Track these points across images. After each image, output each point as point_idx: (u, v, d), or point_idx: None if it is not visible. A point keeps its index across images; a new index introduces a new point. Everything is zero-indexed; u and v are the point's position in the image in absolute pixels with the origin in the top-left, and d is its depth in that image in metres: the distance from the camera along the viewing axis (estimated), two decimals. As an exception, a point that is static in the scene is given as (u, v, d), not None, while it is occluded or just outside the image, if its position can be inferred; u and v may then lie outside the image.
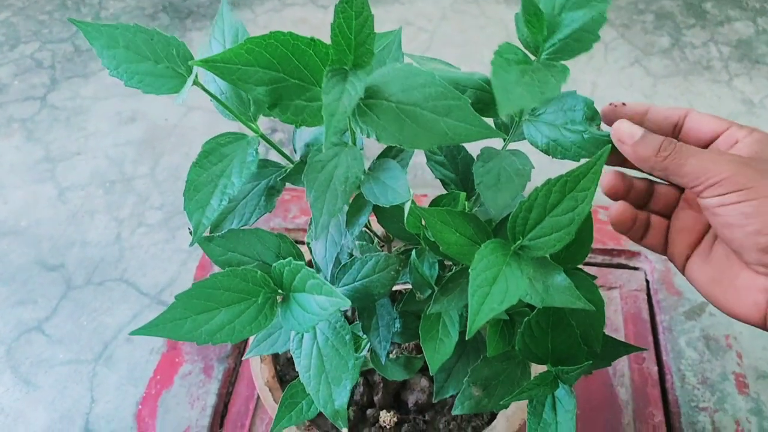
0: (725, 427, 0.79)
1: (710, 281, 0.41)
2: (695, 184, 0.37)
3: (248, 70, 0.31)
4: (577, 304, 0.37)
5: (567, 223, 0.36)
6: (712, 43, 1.45)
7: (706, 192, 0.37)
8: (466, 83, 0.40)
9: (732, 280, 0.39)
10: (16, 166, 1.21)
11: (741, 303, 0.39)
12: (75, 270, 1.03)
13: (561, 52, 0.38)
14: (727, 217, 0.36)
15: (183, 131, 1.27)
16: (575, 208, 0.35)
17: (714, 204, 0.37)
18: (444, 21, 1.51)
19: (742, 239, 0.37)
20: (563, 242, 0.36)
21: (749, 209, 0.35)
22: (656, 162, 0.38)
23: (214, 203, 0.38)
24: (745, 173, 0.36)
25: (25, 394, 0.88)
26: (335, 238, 0.45)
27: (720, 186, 0.36)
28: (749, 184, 0.35)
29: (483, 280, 0.34)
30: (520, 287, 0.35)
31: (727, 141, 0.40)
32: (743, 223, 0.36)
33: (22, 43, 1.50)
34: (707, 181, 0.36)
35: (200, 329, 0.38)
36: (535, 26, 0.37)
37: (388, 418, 0.62)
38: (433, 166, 0.49)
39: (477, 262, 0.35)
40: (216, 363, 0.86)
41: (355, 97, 0.30)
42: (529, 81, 0.35)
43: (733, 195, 0.36)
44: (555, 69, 0.36)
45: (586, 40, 0.38)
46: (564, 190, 0.35)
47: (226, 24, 0.41)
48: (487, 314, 0.33)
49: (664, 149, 0.38)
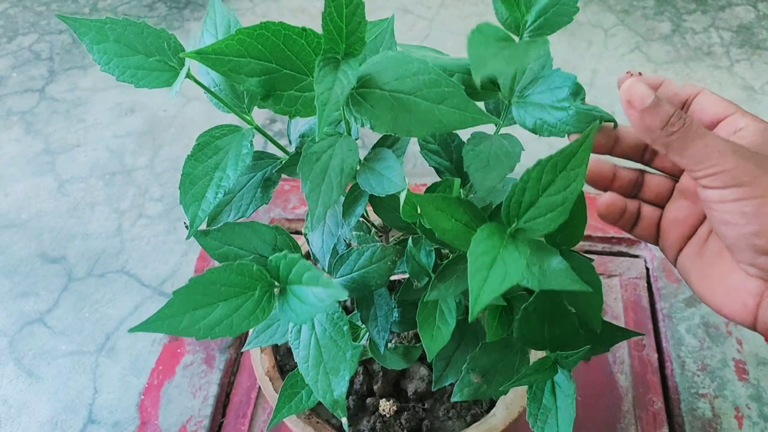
0: (725, 414, 0.79)
1: (701, 276, 0.40)
2: (695, 169, 0.35)
3: (240, 61, 0.31)
4: (574, 286, 0.37)
5: (561, 202, 0.36)
6: (713, 29, 1.44)
7: (705, 180, 0.35)
8: (453, 68, 0.40)
9: (722, 278, 0.38)
10: (16, 159, 1.21)
11: (730, 302, 0.38)
12: (76, 262, 1.04)
13: (542, 28, 0.37)
14: (725, 214, 0.35)
15: (182, 122, 1.27)
16: (568, 187, 0.35)
17: (714, 198, 0.35)
18: (443, 8, 1.50)
19: (737, 238, 0.35)
20: (558, 222, 0.36)
21: (749, 208, 0.34)
22: (660, 135, 0.36)
23: (209, 196, 0.38)
24: (747, 168, 0.34)
25: (29, 386, 0.89)
26: (332, 229, 0.45)
27: (719, 177, 0.34)
28: (751, 180, 0.34)
29: (481, 264, 0.34)
30: (519, 268, 0.35)
31: (728, 128, 0.38)
32: (741, 222, 0.34)
33: (20, 35, 1.49)
34: (707, 169, 0.35)
35: (198, 324, 0.38)
36: (512, 3, 0.37)
37: (388, 406, 0.62)
38: (426, 154, 0.49)
39: (474, 246, 0.35)
40: (217, 353, 0.87)
41: (347, 86, 0.30)
42: (508, 54, 0.34)
43: (734, 190, 0.34)
44: (535, 42, 0.36)
45: (567, 12, 0.37)
46: (555, 170, 0.35)
47: (218, 15, 0.40)
48: (488, 297, 0.33)
49: (672, 124, 0.35)
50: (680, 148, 0.35)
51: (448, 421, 0.63)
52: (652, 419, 0.79)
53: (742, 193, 0.34)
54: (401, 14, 1.47)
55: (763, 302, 0.37)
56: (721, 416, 0.79)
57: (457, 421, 0.63)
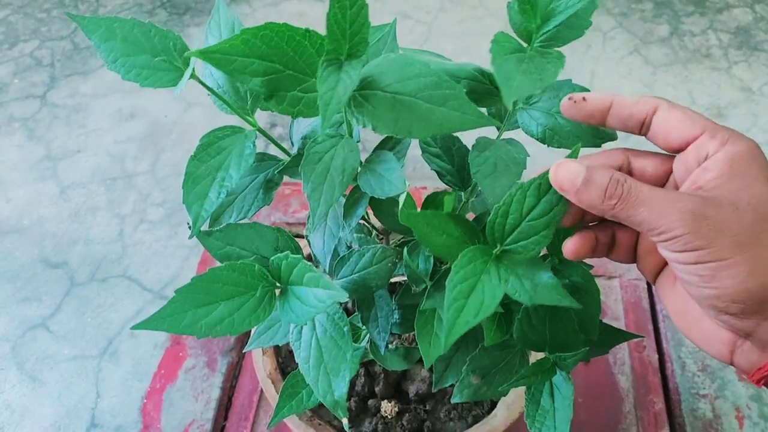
0: (726, 414, 0.80)
1: (677, 311, 0.38)
2: (648, 234, 0.33)
3: (244, 61, 0.31)
4: (564, 302, 0.37)
5: (544, 226, 0.35)
6: (711, 31, 1.45)
7: (661, 244, 0.33)
8: (460, 74, 0.41)
9: (697, 322, 0.36)
10: (18, 165, 1.22)
11: (706, 346, 0.36)
12: (78, 267, 1.04)
13: (554, 39, 0.38)
14: (683, 275, 0.33)
15: (183, 127, 1.27)
16: (551, 211, 0.35)
17: (672, 259, 0.33)
18: (442, 13, 1.51)
19: (699, 297, 0.34)
20: (543, 244, 0.36)
21: (706, 272, 0.32)
22: (603, 209, 0.33)
23: (212, 196, 0.38)
24: (701, 231, 0.31)
25: (32, 390, 0.89)
26: (333, 230, 0.45)
27: (675, 242, 0.32)
28: (705, 243, 0.31)
29: (458, 292, 0.34)
30: (497, 297, 0.34)
31: (697, 154, 0.34)
32: (701, 284, 0.32)
33: (22, 42, 1.50)
34: (659, 236, 0.32)
35: (200, 323, 0.38)
36: (529, 14, 0.37)
37: (389, 408, 0.62)
38: (428, 158, 0.50)
39: (453, 274, 0.34)
40: (219, 357, 0.87)
41: (350, 87, 0.30)
42: (526, 69, 0.35)
43: (689, 255, 0.32)
44: (550, 56, 0.36)
45: (579, 26, 0.38)
46: (538, 194, 0.35)
47: (222, 18, 0.41)
48: (462, 328, 0.33)
49: (609, 197, 0.33)
50: (626, 217, 0.33)
51: (449, 422, 0.63)
52: (653, 420, 0.79)
53: (698, 257, 0.32)
54: (400, 19, 1.48)
55: (737, 351, 0.35)
56: (722, 417, 0.79)
57: (458, 422, 0.63)
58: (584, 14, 0.38)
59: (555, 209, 0.35)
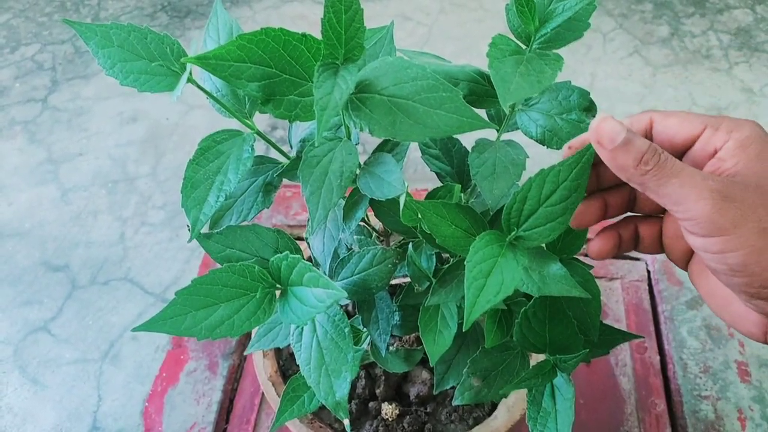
0: (728, 416, 0.79)
1: (708, 294, 0.37)
2: (673, 210, 0.33)
3: (241, 66, 0.31)
4: (573, 292, 0.38)
5: (561, 212, 0.36)
6: (711, 32, 1.45)
7: (686, 224, 0.32)
8: (459, 76, 0.41)
9: (727, 305, 0.36)
10: (19, 168, 1.22)
11: (738, 326, 0.36)
12: (80, 270, 1.04)
13: (553, 41, 0.38)
14: (710, 263, 0.33)
15: (184, 130, 1.28)
16: (568, 198, 0.36)
17: (697, 245, 0.33)
18: (442, 15, 1.51)
19: (728, 284, 0.33)
20: (557, 231, 0.36)
21: (733, 260, 0.31)
22: (634, 174, 0.33)
23: (211, 200, 0.38)
24: (728, 214, 0.31)
25: (33, 394, 0.89)
26: (333, 232, 0.45)
27: (699, 225, 0.31)
28: (732, 228, 0.31)
29: (478, 272, 0.34)
30: (516, 278, 0.35)
31: (705, 150, 0.34)
32: (729, 273, 0.32)
33: (23, 46, 1.51)
34: (685, 213, 0.32)
35: (200, 324, 0.39)
36: (527, 16, 0.37)
37: (390, 410, 0.62)
38: (428, 159, 0.50)
39: (472, 254, 0.35)
40: (221, 360, 0.87)
41: (346, 91, 0.31)
42: (525, 71, 0.35)
43: (716, 240, 0.31)
44: (548, 58, 0.37)
45: (578, 28, 0.38)
46: (557, 180, 0.35)
47: (220, 21, 0.41)
48: (483, 306, 0.33)
49: (645, 162, 0.33)
50: (656, 187, 0.33)
51: (450, 424, 0.63)
52: (655, 422, 0.79)
53: (725, 244, 0.31)
54: (401, 21, 1.49)
55: None
56: (724, 418, 0.79)
57: (459, 425, 0.63)
58: (583, 16, 0.38)
59: (572, 196, 0.35)
